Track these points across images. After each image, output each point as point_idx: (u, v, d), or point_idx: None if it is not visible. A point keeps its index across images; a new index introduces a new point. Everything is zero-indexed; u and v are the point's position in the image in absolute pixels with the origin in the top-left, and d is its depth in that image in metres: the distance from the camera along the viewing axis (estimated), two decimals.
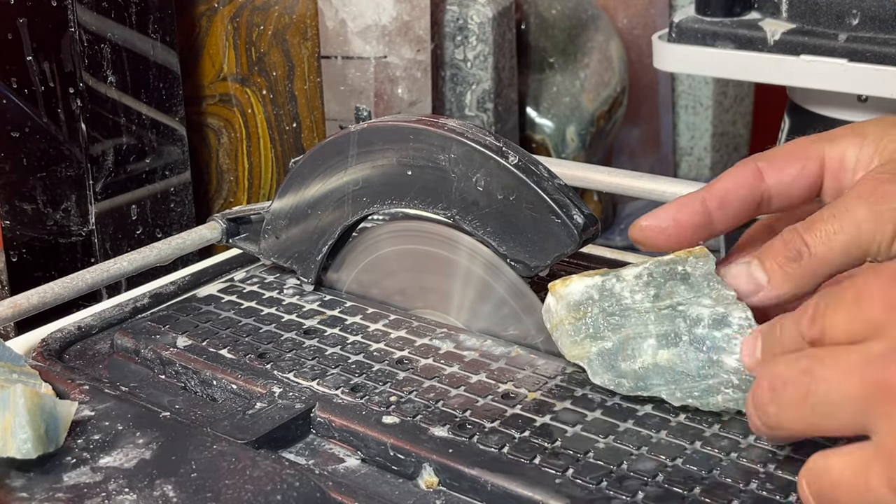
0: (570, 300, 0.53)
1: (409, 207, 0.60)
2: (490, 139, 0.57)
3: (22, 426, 0.48)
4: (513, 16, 1.61)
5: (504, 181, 0.56)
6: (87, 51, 1.17)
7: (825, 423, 0.41)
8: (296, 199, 0.65)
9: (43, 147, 1.15)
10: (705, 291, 0.51)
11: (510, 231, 0.56)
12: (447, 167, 0.58)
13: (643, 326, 0.51)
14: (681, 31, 1.15)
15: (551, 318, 0.54)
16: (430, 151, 0.58)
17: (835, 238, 0.47)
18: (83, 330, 0.64)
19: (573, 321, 0.53)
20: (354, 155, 0.61)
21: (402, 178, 0.60)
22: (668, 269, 0.51)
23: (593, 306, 0.52)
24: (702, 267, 0.51)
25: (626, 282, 0.52)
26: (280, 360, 0.58)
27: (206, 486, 0.47)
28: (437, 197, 0.58)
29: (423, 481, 0.49)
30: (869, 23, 1.05)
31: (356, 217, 0.63)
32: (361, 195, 0.62)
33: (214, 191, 1.47)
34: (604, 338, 0.52)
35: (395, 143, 0.59)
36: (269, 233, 0.67)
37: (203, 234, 0.72)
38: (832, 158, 0.52)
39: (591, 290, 0.52)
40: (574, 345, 0.53)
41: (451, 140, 0.57)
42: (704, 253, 0.51)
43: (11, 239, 1.17)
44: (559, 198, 0.55)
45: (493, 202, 0.56)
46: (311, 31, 1.46)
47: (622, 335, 0.52)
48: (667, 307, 0.51)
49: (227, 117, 1.45)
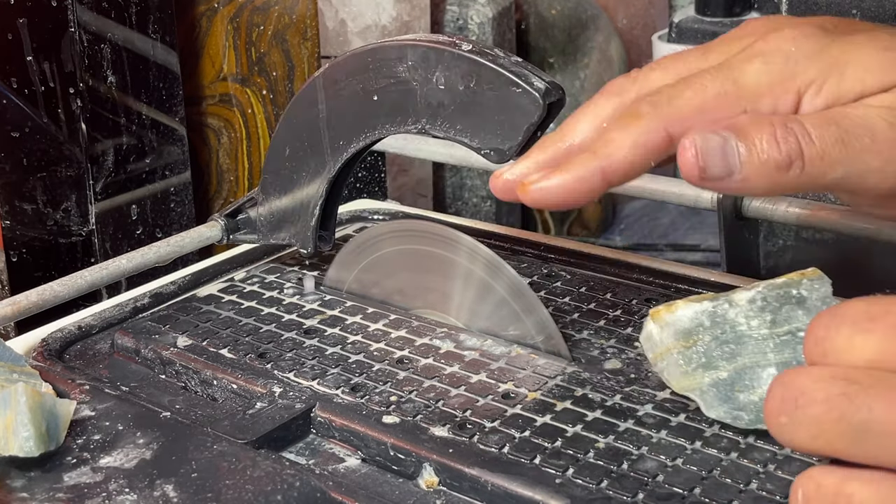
0: (679, 327, 0.49)
1: (383, 134, 0.60)
2: (444, 37, 0.57)
3: (24, 424, 0.48)
4: (513, 16, 1.61)
5: (462, 69, 0.55)
6: (87, 51, 1.17)
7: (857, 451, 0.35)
8: (279, 170, 0.64)
9: (43, 147, 1.15)
10: None
11: (478, 120, 0.55)
12: (408, 76, 0.57)
13: (761, 355, 0.48)
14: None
15: (654, 348, 0.51)
16: (389, 67, 0.58)
17: (833, 169, 0.43)
18: (83, 330, 0.64)
19: (682, 349, 0.49)
20: (323, 101, 0.61)
21: (370, 106, 0.60)
22: (783, 293, 0.48)
23: (705, 333, 0.49)
24: (818, 290, 0.48)
25: (739, 307, 0.49)
26: (280, 360, 0.58)
27: (207, 486, 0.47)
28: (405, 111, 0.58)
29: (424, 481, 0.49)
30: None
31: (338, 166, 0.62)
32: (337, 140, 0.61)
33: (214, 191, 1.47)
34: (718, 367, 0.49)
35: (357, 73, 0.59)
36: (264, 216, 0.66)
37: (203, 233, 0.72)
38: None
39: (702, 317, 0.49)
40: (685, 376, 0.50)
41: (405, 48, 0.57)
42: (819, 275, 0.48)
43: (11, 239, 1.17)
44: (517, 70, 0.54)
45: (456, 96, 0.56)
46: (311, 32, 1.46)
47: (738, 364, 0.48)
48: (785, 333, 0.48)
49: (227, 117, 1.45)
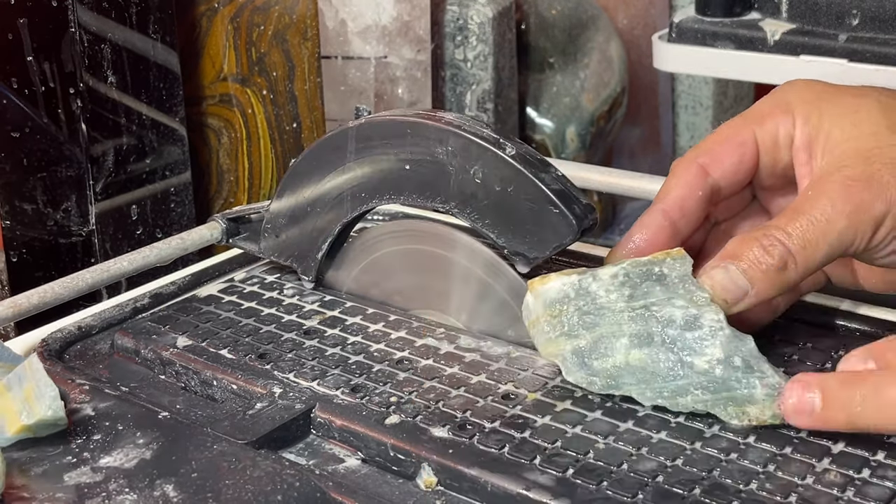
0: (548, 298, 0.53)
1: (408, 202, 0.60)
2: (487, 131, 0.57)
3: (48, 385, 0.49)
4: (513, 16, 1.61)
5: (502, 172, 0.56)
6: (87, 51, 1.17)
7: None
8: (294, 197, 0.65)
9: (43, 147, 1.15)
10: (680, 293, 0.51)
11: (508, 223, 0.56)
12: (445, 160, 0.57)
13: (617, 326, 0.52)
14: (681, 31, 1.15)
15: (529, 316, 0.54)
16: (427, 145, 0.58)
17: (818, 250, 0.49)
18: (83, 330, 0.64)
19: (549, 319, 0.53)
20: (353, 151, 0.61)
21: (400, 173, 0.60)
22: (645, 270, 0.52)
23: (569, 304, 0.53)
24: (678, 268, 0.51)
25: (601, 281, 0.52)
26: (280, 361, 0.58)
27: (207, 486, 0.47)
28: (436, 191, 0.58)
29: (423, 481, 0.49)
30: (869, 23, 1.05)
31: (355, 213, 0.63)
32: (360, 191, 0.62)
33: (214, 191, 1.47)
34: (578, 336, 0.52)
35: (393, 137, 0.59)
36: (269, 232, 0.67)
37: (203, 234, 0.72)
38: (765, 140, 0.54)
39: (568, 289, 0.53)
40: (549, 342, 0.53)
41: (448, 133, 0.57)
42: (682, 255, 0.52)
43: (11, 239, 1.17)
44: (557, 188, 0.55)
45: (491, 194, 0.56)
46: (311, 32, 1.46)
47: (596, 334, 0.52)
48: (641, 307, 0.51)
49: (228, 117, 1.45)
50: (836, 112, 0.52)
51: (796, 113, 0.53)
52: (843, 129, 0.52)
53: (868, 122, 0.51)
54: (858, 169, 0.50)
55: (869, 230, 0.49)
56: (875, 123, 0.51)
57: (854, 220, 0.49)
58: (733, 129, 0.55)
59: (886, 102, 0.52)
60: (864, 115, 0.52)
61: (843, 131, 0.51)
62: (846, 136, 0.51)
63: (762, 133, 0.54)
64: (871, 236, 0.50)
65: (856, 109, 0.52)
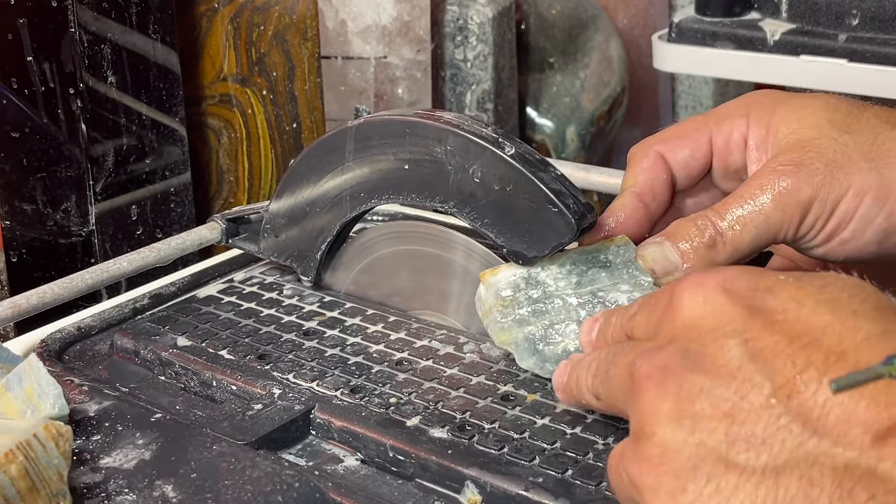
0: (498, 288, 0.55)
1: (407, 202, 0.60)
2: (486, 131, 0.57)
3: (50, 384, 0.49)
4: (513, 16, 1.61)
5: (501, 172, 0.56)
6: (87, 51, 1.17)
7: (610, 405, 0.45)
8: (294, 197, 0.65)
9: (43, 147, 1.15)
10: (624, 278, 0.53)
11: (507, 222, 0.56)
12: (444, 160, 0.57)
13: (566, 312, 0.53)
14: (681, 32, 1.15)
15: (482, 306, 0.56)
16: (426, 144, 0.58)
17: (745, 230, 0.51)
18: (83, 330, 0.64)
19: (501, 308, 0.55)
20: (351, 151, 0.61)
21: (399, 173, 0.60)
22: (591, 258, 0.54)
23: (520, 294, 0.54)
24: (622, 255, 0.54)
25: (550, 270, 0.54)
26: (280, 362, 0.58)
27: (206, 486, 0.47)
28: (435, 190, 0.58)
29: (466, 499, 0.48)
30: (869, 23, 1.05)
31: (354, 213, 0.63)
32: (359, 191, 0.62)
33: (214, 191, 1.47)
34: (529, 323, 0.54)
35: (392, 137, 0.59)
36: (269, 232, 0.67)
37: (203, 234, 0.72)
38: (717, 141, 0.56)
39: (518, 279, 0.55)
40: (502, 331, 0.55)
41: (447, 132, 0.57)
42: (625, 241, 0.54)
43: (11, 239, 1.17)
44: (556, 187, 0.55)
45: (490, 193, 0.56)
46: (311, 32, 1.46)
47: (546, 321, 0.54)
48: (588, 293, 0.53)
49: (228, 118, 1.45)
50: (785, 110, 0.54)
51: (752, 116, 0.55)
52: (788, 125, 0.54)
53: (813, 117, 0.53)
54: (791, 156, 0.52)
55: (797, 215, 0.51)
56: (818, 118, 0.53)
57: (780, 203, 0.51)
58: (691, 126, 0.57)
59: (834, 102, 0.54)
60: (810, 111, 0.54)
61: (788, 126, 0.53)
62: (791, 130, 0.53)
63: (717, 133, 0.56)
64: (798, 222, 0.51)
65: (803, 107, 0.54)
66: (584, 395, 0.47)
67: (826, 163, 0.51)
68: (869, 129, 0.52)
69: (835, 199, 0.51)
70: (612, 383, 0.43)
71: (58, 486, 0.42)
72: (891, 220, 0.51)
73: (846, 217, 0.51)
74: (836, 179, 0.51)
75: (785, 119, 0.54)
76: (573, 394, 0.48)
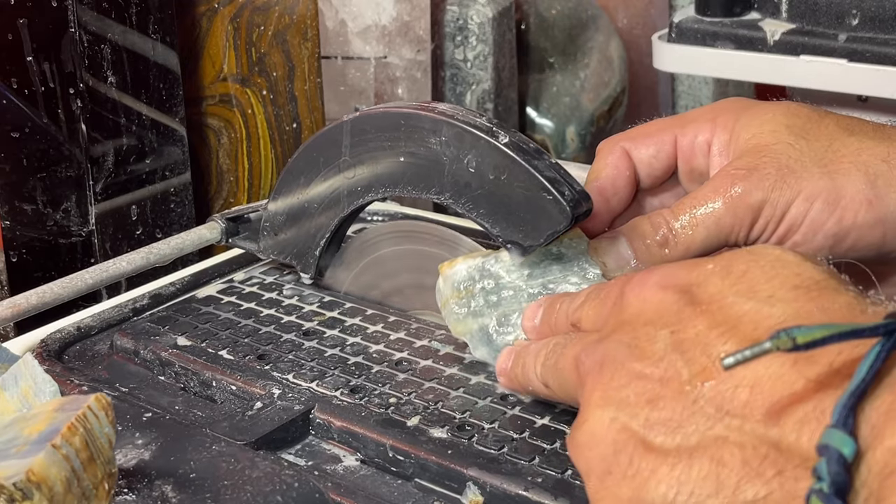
0: (455, 280, 0.56)
1: (403, 194, 0.60)
2: (481, 120, 0.57)
3: (47, 381, 0.50)
4: (513, 16, 1.61)
5: (495, 161, 0.56)
6: (87, 51, 1.17)
7: (560, 395, 0.47)
8: (292, 194, 0.65)
9: (43, 147, 1.15)
10: (575, 270, 0.54)
11: (503, 211, 0.56)
12: (439, 150, 0.57)
13: (517, 304, 0.54)
14: (681, 31, 1.15)
15: (440, 298, 0.57)
16: (421, 136, 0.58)
17: (696, 231, 0.53)
18: (83, 330, 0.64)
19: (457, 300, 0.56)
20: (347, 145, 0.61)
21: (395, 165, 0.60)
22: (544, 250, 0.55)
23: (474, 286, 0.55)
24: (575, 247, 0.55)
25: (503, 262, 0.55)
26: (279, 362, 0.58)
27: (206, 486, 0.47)
28: (430, 181, 0.58)
29: (468, 500, 0.48)
30: (869, 23, 1.05)
31: (352, 208, 0.63)
32: (356, 185, 0.62)
33: (214, 191, 1.47)
34: (483, 314, 0.55)
35: (387, 130, 0.59)
36: (268, 230, 0.67)
37: (203, 234, 0.72)
38: (682, 144, 0.57)
39: (473, 271, 0.56)
40: (458, 322, 0.56)
41: (441, 123, 0.57)
42: (578, 234, 0.55)
43: (11, 239, 1.17)
44: (551, 175, 0.55)
45: (485, 183, 0.56)
46: (311, 32, 1.46)
47: (499, 312, 0.55)
48: (539, 285, 0.54)
49: (228, 118, 1.45)
50: (749, 116, 0.55)
51: (718, 121, 0.56)
52: (749, 130, 0.54)
53: (772, 122, 0.54)
54: (746, 161, 0.53)
55: (747, 218, 0.52)
56: (777, 124, 0.54)
57: (731, 206, 0.52)
58: (659, 126, 0.58)
59: (794, 108, 0.55)
60: (770, 116, 0.54)
61: (749, 131, 0.54)
62: (750, 136, 0.54)
63: (682, 136, 0.57)
64: (750, 225, 0.52)
65: (765, 113, 0.55)
66: (531, 382, 0.48)
67: (778, 167, 0.52)
68: (826, 135, 0.53)
69: (785, 204, 0.52)
70: (560, 375, 0.45)
71: (108, 455, 0.43)
72: (841, 224, 0.52)
73: (796, 221, 0.52)
74: (787, 184, 0.52)
75: (747, 125, 0.55)
76: (518, 380, 0.50)
